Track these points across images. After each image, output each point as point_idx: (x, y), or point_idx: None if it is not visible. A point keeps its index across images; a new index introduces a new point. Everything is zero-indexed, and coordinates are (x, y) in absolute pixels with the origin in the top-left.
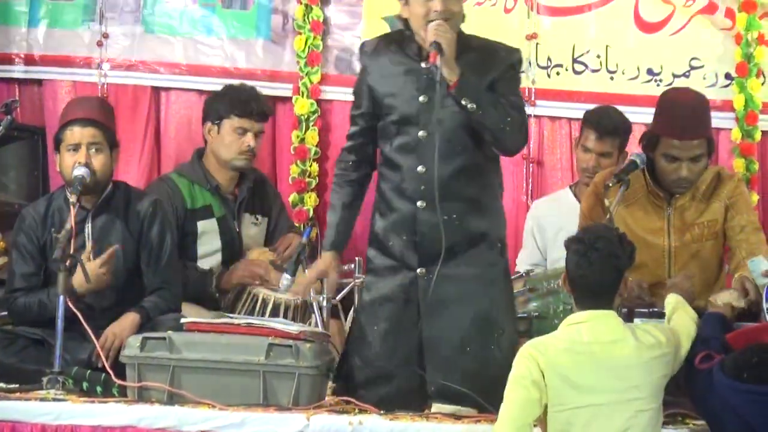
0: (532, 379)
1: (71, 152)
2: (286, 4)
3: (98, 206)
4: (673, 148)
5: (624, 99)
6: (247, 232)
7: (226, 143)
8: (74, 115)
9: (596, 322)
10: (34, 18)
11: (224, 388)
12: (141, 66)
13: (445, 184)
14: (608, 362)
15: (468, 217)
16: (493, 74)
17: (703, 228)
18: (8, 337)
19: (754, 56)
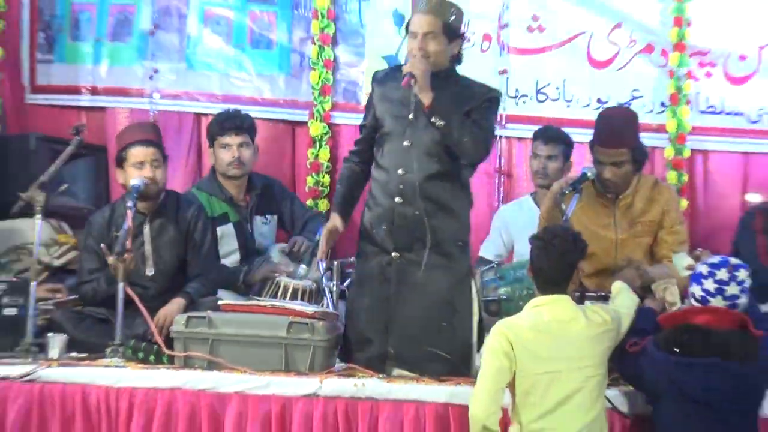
0: (503, 351)
1: (137, 168)
2: (303, 46)
3: (154, 212)
4: (599, 154)
5: (578, 123)
6: (259, 231)
7: (219, 159)
8: (136, 137)
9: (554, 305)
10: (98, 57)
11: (253, 357)
12: (184, 96)
13: (419, 185)
14: (564, 337)
15: (437, 216)
16: (471, 104)
17: (645, 225)
18: (79, 316)
19: (684, 88)
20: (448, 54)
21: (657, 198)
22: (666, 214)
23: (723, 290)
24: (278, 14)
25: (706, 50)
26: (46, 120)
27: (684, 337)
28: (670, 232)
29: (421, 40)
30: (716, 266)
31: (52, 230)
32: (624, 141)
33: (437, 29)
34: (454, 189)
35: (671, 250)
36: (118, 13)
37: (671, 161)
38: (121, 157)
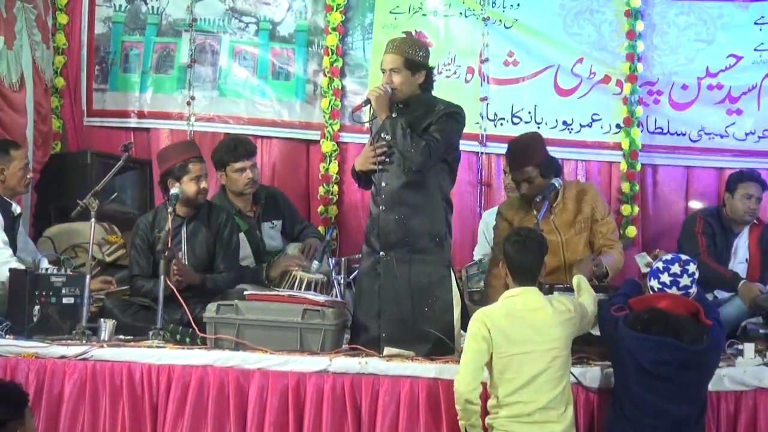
0: (482, 335)
1: (195, 181)
2: (316, 77)
3: (191, 216)
4: (513, 175)
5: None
6: (268, 235)
7: (233, 182)
8: (191, 154)
9: (525, 295)
10: (144, 86)
11: (273, 339)
12: (216, 119)
13: (396, 193)
14: (534, 323)
15: (413, 218)
16: (430, 119)
17: (581, 223)
18: (125, 304)
19: (636, 112)
20: (414, 83)
21: (583, 197)
22: (595, 209)
23: (677, 282)
24: (295, 51)
25: (654, 80)
26: (100, 139)
27: (646, 316)
28: (602, 224)
29: (387, 75)
30: (670, 262)
31: (104, 231)
32: (528, 161)
33: (400, 65)
34: (428, 194)
35: (607, 239)
36: (161, 50)
37: (625, 174)
38: (177, 172)
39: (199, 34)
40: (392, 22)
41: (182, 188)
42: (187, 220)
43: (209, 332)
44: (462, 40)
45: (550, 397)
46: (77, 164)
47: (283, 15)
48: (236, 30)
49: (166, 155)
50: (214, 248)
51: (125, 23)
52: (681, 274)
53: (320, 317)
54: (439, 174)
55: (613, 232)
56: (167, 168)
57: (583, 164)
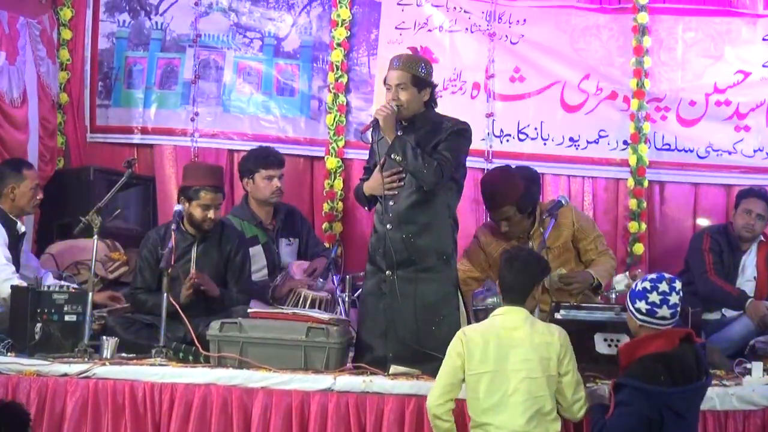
0: (456, 352)
1: (202, 208)
2: (321, 93)
3: (202, 236)
4: (492, 215)
5: (552, 158)
6: (283, 251)
7: (260, 189)
8: (209, 182)
9: (507, 315)
10: (148, 102)
11: (277, 357)
12: (221, 135)
13: (403, 212)
14: (508, 342)
15: (421, 236)
16: (439, 137)
17: (559, 249)
18: (128, 321)
19: (643, 129)
20: (420, 101)
21: (562, 221)
22: (578, 230)
23: (667, 300)
24: (300, 66)
25: (662, 96)
26: (103, 155)
27: (658, 365)
28: (592, 240)
29: (393, 91)
30: (656, 280)
31: (107, 248)
32: (503, 200)
33: (407, 81)
34: (435, 212)
35: (599, 254)
36: (165, 65)
37: (632, 190)
38: (190, 194)
39: (203, 50)
40: (397, 37)
41: (190, 210)
42: (199, 239)
43: (212, 350)
44: (468, 55)
45: (522, 421)
46: (80, 181)
47: (287, 31)
48: (241, 46)
49: (189, 173)
50: (224, 269)
51: (129, 38)
52: (669, 291)
53: (324, 335)
54: (447, 192)
55: (603, 243)
56: (184, 185)
57: (589, 181)
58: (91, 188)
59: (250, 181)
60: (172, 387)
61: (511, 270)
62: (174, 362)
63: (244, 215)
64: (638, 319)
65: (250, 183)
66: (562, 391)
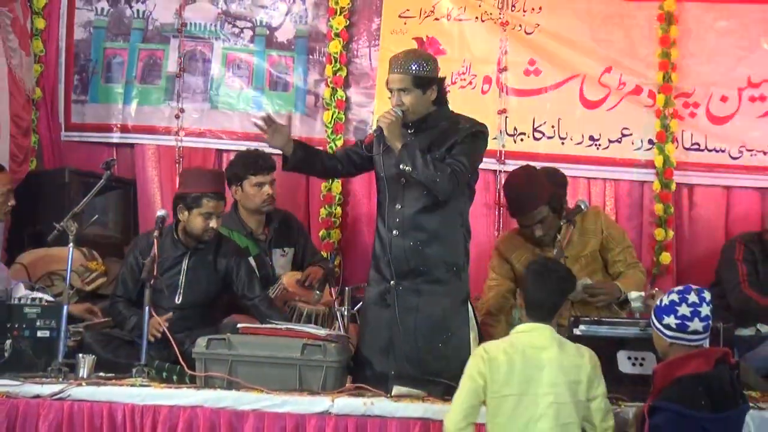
0: (478, 371)
1: (204, 217)
2: (317, 87)
3: (195, 247)
4: (523, 221)
5: (571, 159)
6: (277, 263)
7: (250, 197)
8: (211, 188)
9: (533, 332)
10: (128, 98)
11: (269, 377)
12: (208, 133)
13: (412, 218)
14: (534, 363)
15: (429, 245)
16: (453, 139)
17: (588, 258)
18: (107, 337)
19: (670, 126)
20: (427, 101)
21: (589, 227)
22: (608, 238)
23: (698, 312)
24: (295, 59)
25: (690, 91)
26: (79, 156)
27: (699, 388)
28: (621, 250)
29: (396, 95)
30: (684, 292)
31: (83, 258)
32: (538, 201)
33: (408, 84)
34: (446, 219)
35: (628, 266)
36: (147, 57)
37: (658, 194)
38: (190, 201)
39: (188, 41)
40: (401, 27)
41: (189, 219)
42: (191, 251)
43: (199, 369)
44: (478, 47)
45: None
46: (54, 183)
47: (281, 19)
48: (230, 36)
49: (189, 178)
50: (215, 286)
51: (108, 28)
52: (699, 302)
53: (321, 353)
54: (459, 198)
55: (632, 254)
56: (183, 192)
57: (611, 184)
58: (66, 192)
59: (239, 188)
60: (155, 410)
61: (539, 284)
62: (156, 382)
63: (234, 225)
64: (668, 337)
65: (239, 191)
66: (591, 418)
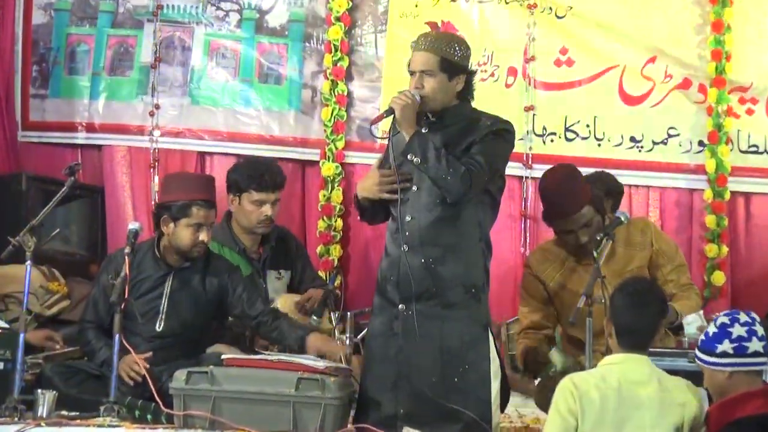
0: (568, 408)
1: (193, 229)
2: (315, 80)
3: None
4: (566, 225)
5: (609, 163)
6: (272, 286)
7: (246, 213)
8: (201, 196)
9: (626, 364)
10: (95, 91)
11: (259, 416)
12: (187, 133)
13: (425, 231)
14: (630, 402)
15: (444, 262)
16: (472, 136)
17: (635, 273)
18: (70, 370)
19: (724, 126)
20: (451, 91)
21: (636, 240)
22: (658, 253)
23: (754, 331)
24: (289, 47)
25: (747, 85)
26: (39, 159)
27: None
28: (672, 269)
29: (417, 78)
30: (733, 314)
31: (43, 278)
32: (582, 200)
33: (434, 66)
34: (463, 232)
35: (681, 286)
36: (117, 45)
37: (710, 204)
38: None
39: (165, 25)
40: (412, 10)
41: (175, 232)
42: (176, 270)
43: (177, 407)
44: (501, 32)
45: None
46: (9, 191)
47: (273, 1)
48: (213, 20)
49: (170, 185)
50: (204, 312)
51: (72, 11)
52: (752, 322)
53: (319, 388)
54: (478, 207)
55: (686, 275)
56: (167, 201)
57: (656, 192)
58: (24, 201)
59: (237, 199)
60: None
61: (641, 310)
62: (128, 423)
63: (225, 239)
64: (726, 366)
65: (236, 202)
66: None
